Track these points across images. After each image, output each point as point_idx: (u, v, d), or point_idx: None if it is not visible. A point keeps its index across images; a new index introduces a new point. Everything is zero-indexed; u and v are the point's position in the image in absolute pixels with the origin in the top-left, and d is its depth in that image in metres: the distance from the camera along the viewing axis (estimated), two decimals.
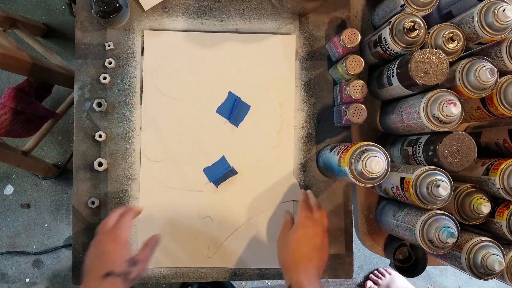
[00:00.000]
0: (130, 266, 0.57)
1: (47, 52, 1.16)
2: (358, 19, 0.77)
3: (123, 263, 0.57)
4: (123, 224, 0.61)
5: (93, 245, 0.60)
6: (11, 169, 1.38)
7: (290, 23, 0.75)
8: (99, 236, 0.60)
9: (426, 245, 0.59)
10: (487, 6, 0.58)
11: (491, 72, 0.56)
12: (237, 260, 0.73)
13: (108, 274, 0.55)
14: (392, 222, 0.68)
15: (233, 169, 0.73)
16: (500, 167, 0.61)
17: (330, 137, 0.75)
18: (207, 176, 0.73)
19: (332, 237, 0.74)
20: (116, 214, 0.63)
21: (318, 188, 0.74)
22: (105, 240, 0.59)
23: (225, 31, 0.74)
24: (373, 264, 1.49)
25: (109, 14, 0.66)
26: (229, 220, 0.73)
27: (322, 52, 0.75)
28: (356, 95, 0.66)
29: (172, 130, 0.72)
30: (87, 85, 0.71)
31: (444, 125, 0.58)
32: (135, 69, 0.72)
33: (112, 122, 0.72)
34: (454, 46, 0.61)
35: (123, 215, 0.62)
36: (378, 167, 0.56)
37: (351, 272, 0.74)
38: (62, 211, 1.39)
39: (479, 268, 0.58)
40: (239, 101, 0.73)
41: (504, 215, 0.62)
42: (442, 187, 0.55)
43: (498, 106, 0.60)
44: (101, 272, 0.55)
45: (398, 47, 0.62)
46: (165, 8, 0.73)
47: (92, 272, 0.56)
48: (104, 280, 0.55)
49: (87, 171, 0.71)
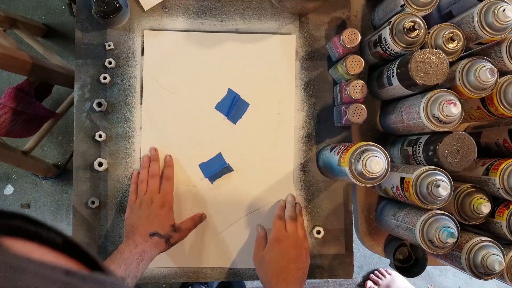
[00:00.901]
0: (172, 231, 0.65)
1: (47, 52, 1.16)
2: (358, 19, 0.77)
3: (168, 227, 0.65)
4: (169, 191, 0.68)
5: (142, 205, 0.66)
6: (11, 169, 1.38)
7: (290, 23, 0.75)
8: (148, 197, 0.66)
9: (426, 245, 0.59)
10: (487, 6, 0.58)
11: (491, 72, 0.56)
12: (236, 260, 0.73)
13: (154, 233, 0.63)
14: (392, 222, 0.68)
15: (229, 166, 0.73)
16: (500, 167, 0.61)
17: (330, 137, 0.75)
18: (202, 171, 0.73)
19: (332, 237, 0.74)
20: (157, 177, 0.68)
21: (318, 188, 0.74)
22: (156, 204, 0.65)
23: (225, 31, 0.74)
24: (373, 264, 1.49)
25: (109, 14, 0.66)
26: (223, 217, 0.73)
27: (322, 52, 0.75)
28: (356, 95, 0.66)
29: (170, 125, 0.72)
30: (87, 85, 0.71)
31: (444, 125, 0.58)
32: (135, 69, 0.72)
33: (112, 122, 0.72)
34: (454, 46, 0.61)
35: (166, 180, 0.69)
36: (378, 167, 0.56)
37: (351, 272, 0.74)
38: (62, 211, 1.39)
39: (479, 268, 0.58)
40: (238, 98, 0.73)
41: (504, 215, 0.62)
42: (442, 187, 0.55)
43: (498, 106, 0.60)
44: (148, 230, 0.63)
45: (398, 47, 0.62)
46: (165, 8, 0.73)
47: (139, 230, 0.63)
48: (150, 238, 0.62)
49: (87, 171, 0.71)
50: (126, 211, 0.67)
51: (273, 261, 0.63)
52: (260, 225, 0.72)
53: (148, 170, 0.69)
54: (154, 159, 0.70)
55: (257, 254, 0.67)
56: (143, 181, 0.68)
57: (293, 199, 0.72)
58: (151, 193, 0.67)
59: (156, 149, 0.71)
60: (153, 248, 0.62)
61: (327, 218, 0.74)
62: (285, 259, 0.63)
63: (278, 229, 0.66)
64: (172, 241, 0.65)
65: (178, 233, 0.66)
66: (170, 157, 0.71)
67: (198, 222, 0.70)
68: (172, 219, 0.66)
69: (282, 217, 0.69)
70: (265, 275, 0.63)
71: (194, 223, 0.69)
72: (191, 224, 0.69)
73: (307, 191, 0.74)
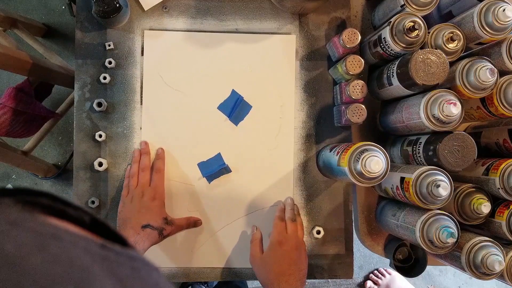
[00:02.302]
0: (165, 224, 0.65)
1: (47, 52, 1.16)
2: (358, 19, 0.77)
3: (160, 219, 0.65)
4: (160, 183, 0.68)
5: (133, 198, 0.66)
6: (11, 169, 1.38)
7: (290, 23, 0.75)
8: (139, 190, 0.66)
9: (426, 245, 0.59)
10: (487, 6, 0.58)
11: (491, 72, 0.56)
12: (236, 259, 0.73)
13: (146, 226, 0.63)
14: (392, 222, 0.68)
15: (227, 166, 0.73)
16: (500, 167, 0.61)
17: (330, 137, 0.75)
18: (200, 170, 0.73)
19: (332, 237, 0.74)
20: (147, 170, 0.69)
21: (318, 188, 0.74)
22: (146, 197, 0.66)
23: (225, 31, 0.74)
24: (373, 264, 1.49)
25: (109, 14, 0.66)
26: (220, 216, 0.73)
27: (322, 52, 0.75)
28: (356, 95, 0.66)
29: (170, 125, 0.72)
30: (87, 85, 0.71)
31: (444, 125, 0.58)
32: (135, 69, 0.72)
33: (112, 122, 0.72)
34: (454, 46, 0.61)
35: (156, 172, 0.69)
36: (378, 167, 0.56)
37: (351, 272, 0.74)
38: None
39: (479, 268, 0.58)
40: (241, 100, 0.73)
41: (504, 215, 0.62)
42: (442, 187, 0.55)
43: (498, 106, 0.60)
44: (141, 223, 0.63)
45: (398, 47, 0.62)
46: (165, 8, 0.73)
47: (131, 222, 0.63)
48: (143, 230, 0.62)
49: (87, 171, 0.71)
50: (119, 205, 0.67)
51: (276, 263, 0.63)
52: (256, 226, 0.72)
53: (139, 164, 0.70)
54: (144, 153, 0.70)
55: (255, 256, 0.67)
56: (134, 175, 0.68)
57: (292, 202, 0.72)
58: (142, 186, 0.67)
59: (147, 143, 0.71)
60: (145, 239, 0.62)
61: (327, 218, 0.74)
62: (287, 261, 0.63)
63: (280, 231, 0.66)
64: (165, 233, 0.64)
65: (170, 226, 0.66)
66: (162, 150, 0.71)
67: (191, 225, 0.70)
68: (164, 211, 0.67)
69: (283, 218, 0.69)
70: (266, 278, 0.63)
71: (187, 223, 0.69)
72: (185, 223, 0.69)
73: (307, 191, 0.74)
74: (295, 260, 0.63)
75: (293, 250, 0.64)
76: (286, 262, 0.63)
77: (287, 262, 0.63)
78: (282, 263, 0.63)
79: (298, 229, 0.68)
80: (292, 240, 0.65)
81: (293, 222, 0.68)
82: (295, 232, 0.66)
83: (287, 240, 0.65)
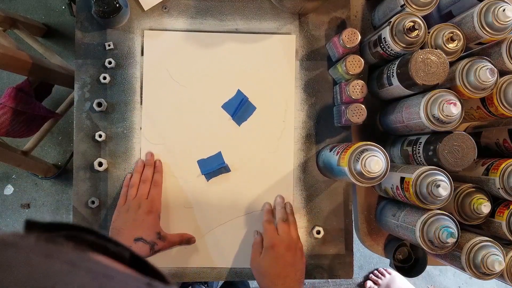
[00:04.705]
0: (158, 239, 0.63)
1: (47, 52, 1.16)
2: (358, 19, 0.77)
3: (153, 234, 0.63)
4: (157, 197, 0.68)
5: (129, 209, 0.65)
6: (11, 169, 1.38)
7: (290, 23, 0.75)
8: (136, 202, 0.65)
9: (426, 245, 0.59)
10: (487, 6, 0.58)
11: (491, 72, 0.56)
12: (236, 259, 0.73)
13: (138, 239, 0.62)
14: (392, 222, 0.68)
15: (226, 166, 0.73)
16: (500, 167, 0.61)
17: (330, 137, 0.75)
18: (200, 168, 0.72)
19: (332, 237, 0.74)
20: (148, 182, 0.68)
21: (318, 188, 0.74)
22: (142, 210, 0.64)
23: (225, 31, 0.74)
24: (373, 264, 1.49)
25: (109, 14, 0.66)
26: (215, 215, 0.72)
27: (322, 52, 0.75)
28: (356, 95, 0.66)
29: (170, 125, 0.72)
30: (87, 85, 0.71)
31: (444, 125, 0.58)
32: (135, 69, 0.72)
33: (112, 122, 0.72)
34: (454, 46, 0.61)
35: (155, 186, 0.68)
36: (377, 166, 0.56)
37: (351, 272, 0.74)
38: (62, 211, 1.39)
39: (479, 268, 0.58)
40: (246, 100, 0.73)
41: (504, 215, 0.62)
42: (442, 187, 0.55)
43: (498, 106, 0.60)
44: (134, 235, 0.62)
45: (398, 47, 0.62)
46: (165, 8, 0.73)
47: (124, 234, 0.62)
48: (134, 243, 0.61)
49: (87, 171, 0.71)
50: (113, 214, 0.67)
51: (270, 267, 0.63)
52: (257, 230, 0.72)
53: (141, 174, 0.69)
54: (148, 164, 0.70)
55: (254, 261, 0.67)
56: (134, 185, 0.68)
57: (282, 200, 0.71)
58: (140, 198, 0.66)
59: (152, 154, 0.71)
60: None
61: (327, 218, 0.74)
62: (281, 264, 0.63)
63: (270, 235, 0.66)
64: (157, 248, 0.63)
65: (163, 242, 0.64)
66: (160, 162, 0.71)
67: (184, 242, 0.69)
68: (158, 226, 0.65)
69: (271, 221, 0.68)
70: (263, 282, 0.63)
71: (180, 240, 0.68)
72: (178, 239, 0.68)
73: (307, 191, 0.74)
74: (290, 261, 0.63)
75: (286, 252, 0.64)
76: (280, 264, 0.63)
77: (282, 264, 0.63)
78: (277, 265, 0.63)
79: (291, 229, 0.67)
80: (284, 241, 0.65)
81: (284, 222, 0.67)
82: (287, 232, 0.66)
83: (279, 242, 0.64)
